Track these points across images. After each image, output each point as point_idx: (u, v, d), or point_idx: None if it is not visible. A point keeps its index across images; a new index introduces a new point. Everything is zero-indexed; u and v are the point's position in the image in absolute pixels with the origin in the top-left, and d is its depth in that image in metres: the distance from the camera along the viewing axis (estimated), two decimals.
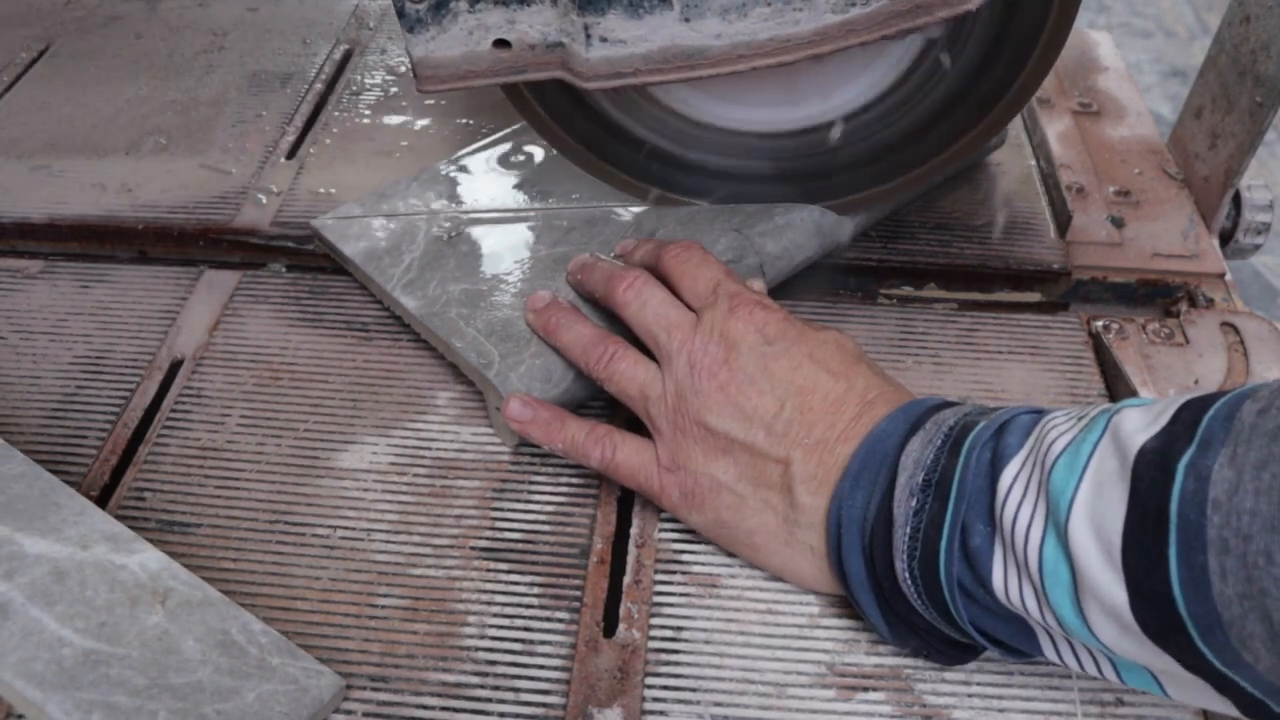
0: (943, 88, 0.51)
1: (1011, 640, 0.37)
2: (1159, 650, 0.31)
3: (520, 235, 0.56)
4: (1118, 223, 0.63)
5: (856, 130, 0.53)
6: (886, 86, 0.52)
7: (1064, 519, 0.33)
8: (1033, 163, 0.67)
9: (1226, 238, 0.65)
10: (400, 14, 0.44)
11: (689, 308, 0.46)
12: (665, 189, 0.57)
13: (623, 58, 0.44)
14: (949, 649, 0.40)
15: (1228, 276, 0.60)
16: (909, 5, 0.41)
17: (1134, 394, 0.52)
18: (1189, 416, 0.31)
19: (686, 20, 0.43)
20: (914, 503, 0.37)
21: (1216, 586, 0.29)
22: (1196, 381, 0.52)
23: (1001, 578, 0.35)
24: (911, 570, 0.37)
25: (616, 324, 0.48)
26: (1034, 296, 0.60)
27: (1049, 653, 0.37)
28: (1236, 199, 0.64)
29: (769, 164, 0.55)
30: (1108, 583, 0.32)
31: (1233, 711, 0.32)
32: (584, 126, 0.55)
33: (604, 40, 0.43)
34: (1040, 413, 0.38)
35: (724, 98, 0.53)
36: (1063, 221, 0.62)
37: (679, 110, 0.54)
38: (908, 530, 0.37)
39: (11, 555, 0.42)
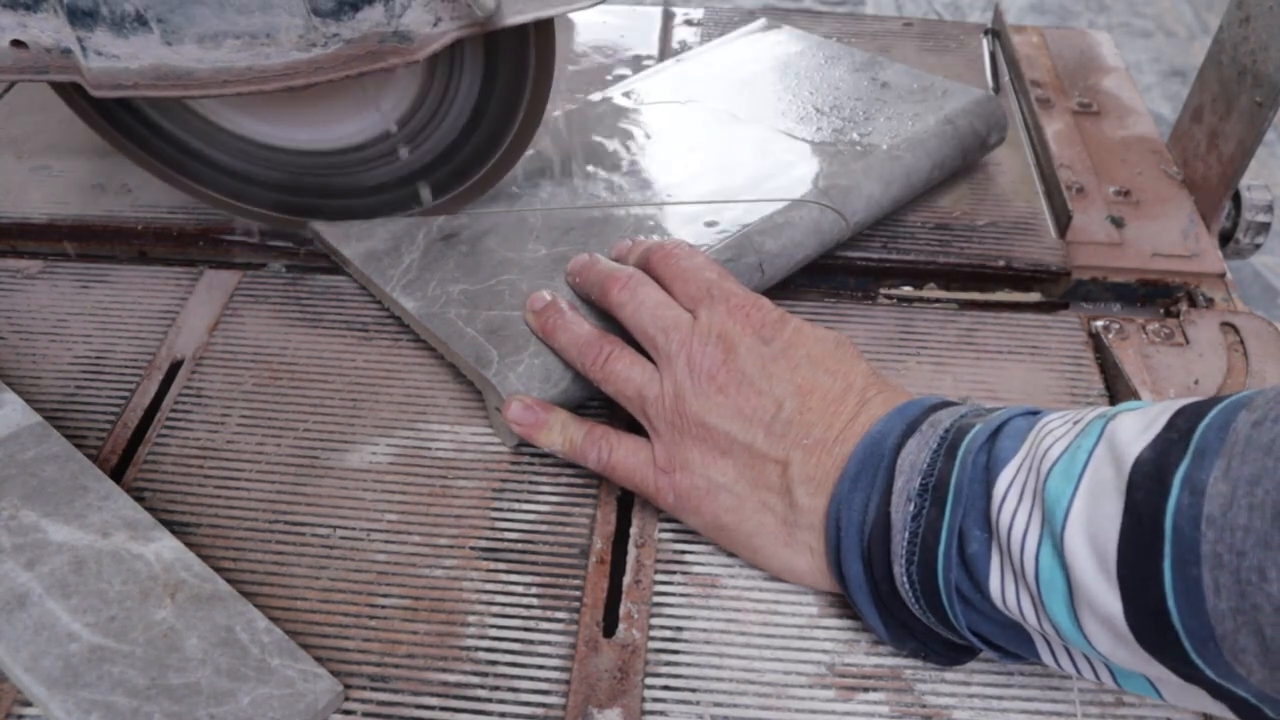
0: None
1: (1009, 645, 0.37)
2: (1153, 659, 0.32)
3: (520, 235, 0.56)
4: (1118, 223, 0.63)
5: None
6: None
7: (1060, 528, 0.33)
8: (1032, 162, 0.67)
9: (1226, 238, 0.65)
10: None
11: (685, 307, 0.46)
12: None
13: (119, 70, 0.47)
14: (946, 651, 0.40)
15: (1228, 276, 0.60)
16: (363, 50, 0.46)
17: (1134, 394, 0.51)
18: (1184, 424, 0.31)
19: (169, 44, 0.46)
20: (911, 508, 0.37)
21: (1210, 601, 0.29)
22: (1196, 382, 0.52)
23: (999, 585, 0.35)
24: (910, 576, 0.37)
25: (616, 325, 0.48)
26: (1034, 296, 0.60)
27: (1046, 658, 0.37)
28: (1236, 199, 0.64)
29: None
30: (1103, 593, 0.32)
31: (1230, 716, 0.32)
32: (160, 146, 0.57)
33: (99, 54, 0.46)
34: (1036, 414, 0.38)
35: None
36: (1063, 221, 0.62)
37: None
38: (906, 535, 0.37)
39: (36, 544, 0.43)
